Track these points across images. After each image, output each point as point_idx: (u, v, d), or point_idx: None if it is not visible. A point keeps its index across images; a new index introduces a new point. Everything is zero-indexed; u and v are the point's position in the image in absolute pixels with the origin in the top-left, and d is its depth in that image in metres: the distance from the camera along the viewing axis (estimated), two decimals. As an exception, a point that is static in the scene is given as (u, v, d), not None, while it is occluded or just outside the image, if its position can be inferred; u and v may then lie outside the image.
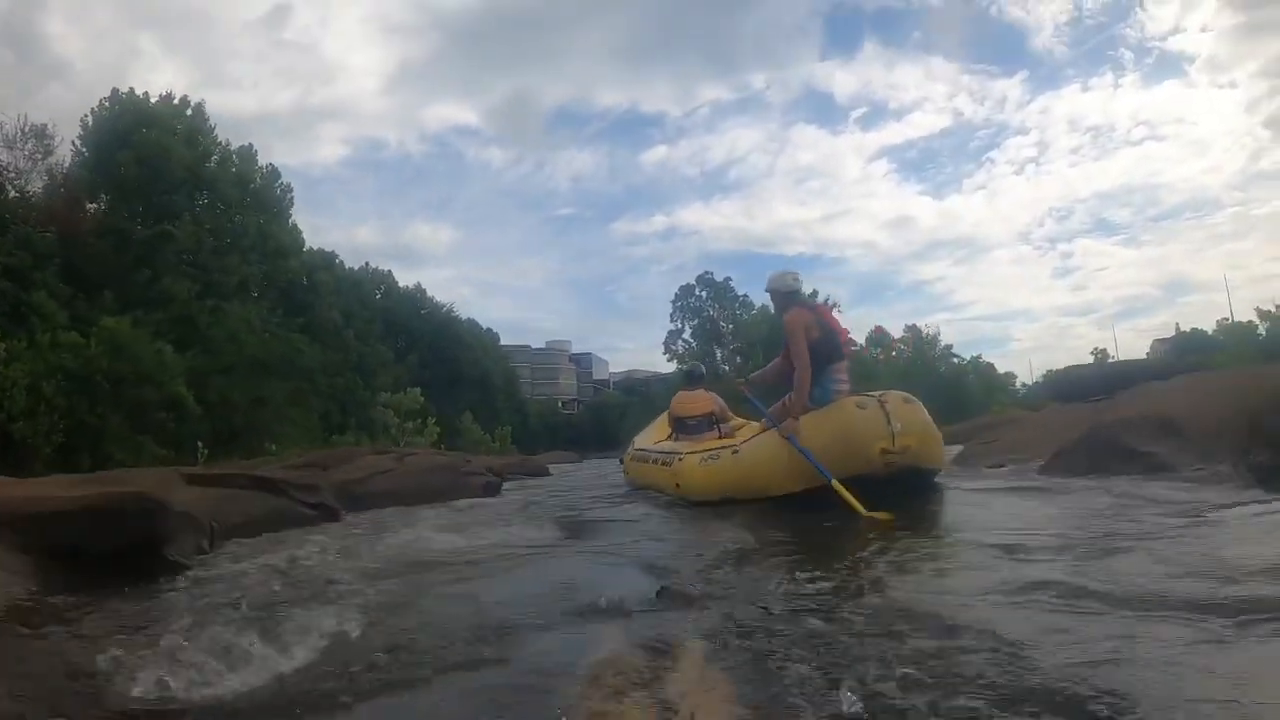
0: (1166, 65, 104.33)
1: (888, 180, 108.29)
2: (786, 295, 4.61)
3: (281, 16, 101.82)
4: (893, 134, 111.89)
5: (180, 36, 63.18)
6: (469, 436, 30.89)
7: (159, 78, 79.80)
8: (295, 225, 31.39)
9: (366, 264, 44.36)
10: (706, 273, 46.86)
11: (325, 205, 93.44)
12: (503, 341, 55.58)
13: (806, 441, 3.99)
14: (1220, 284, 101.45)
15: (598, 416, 53.96)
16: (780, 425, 4.22)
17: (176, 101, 27.30)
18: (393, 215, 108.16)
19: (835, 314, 5.08)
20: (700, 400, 6.40)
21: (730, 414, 6.42)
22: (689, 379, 6.91)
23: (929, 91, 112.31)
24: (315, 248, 36.97)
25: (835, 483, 3.72)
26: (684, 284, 47.32)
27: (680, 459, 5.16)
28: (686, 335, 45.67)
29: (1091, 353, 60.92)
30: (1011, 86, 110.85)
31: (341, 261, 39.81)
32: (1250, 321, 51.69)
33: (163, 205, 22.94)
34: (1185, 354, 54.12)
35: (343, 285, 37.11)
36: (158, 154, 23.03)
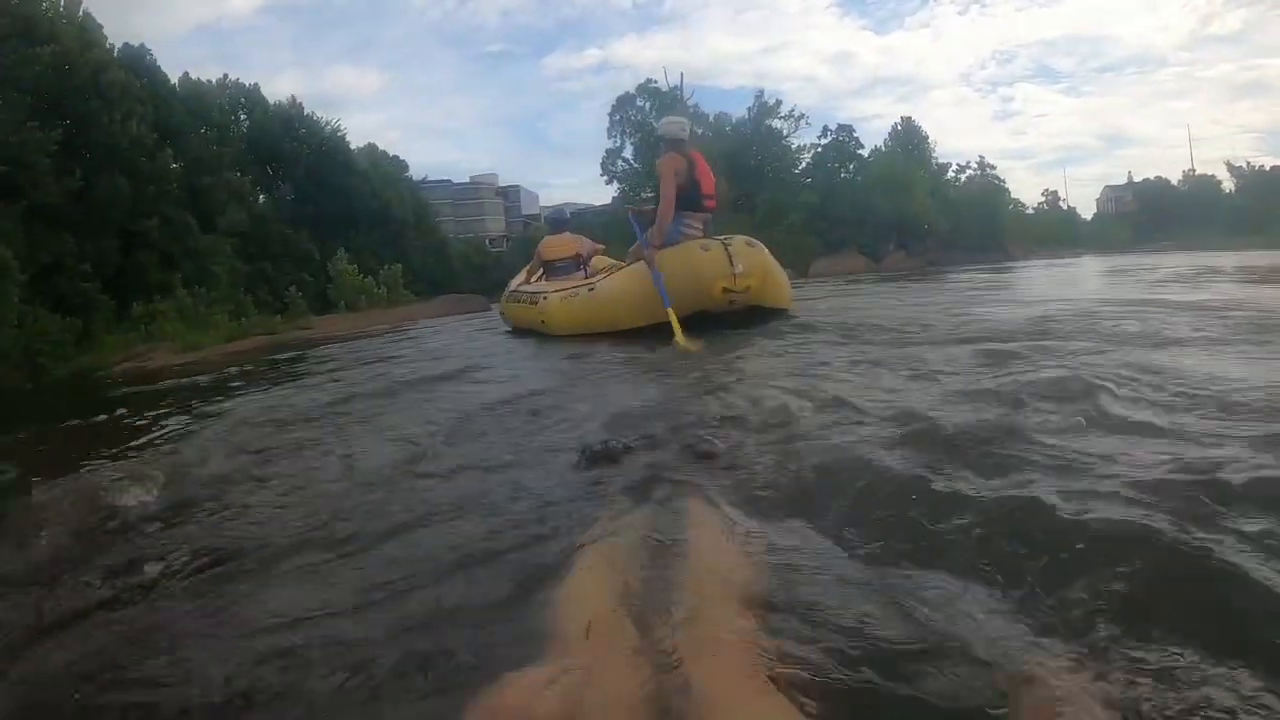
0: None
1: (829, 14, 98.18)
2: (671, 142, 5.03)
3: None
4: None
5: None
6: (343, 283, 24.38)
7: None
8: (87, 14, 22.31)
9: (225, 76, 34.53)
10: (650, 80, 37.00)
11: (240, 59, 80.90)
12: (425, 177, 47.10)
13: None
14: (1158, 140, 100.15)
15: (527, 253, 47.35)
16: (645, 254, 4.71)
17: None
18: (314, 63, 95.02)
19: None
20: (566, 243, 6.77)
21: (599, 252, 6.71)
22: (554, 224, 7.48)
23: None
24: (130, 44, 28.05)
25: (670, 310, 4.23)
26: (623, 94, 37.64)
27: (545, 298, 5.55)
28: (627, 154, 36.72)
29: (1042, 195, 55.84)
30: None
31: (186, 72, 30.57)
32: (1214, 176, 46.18)
33: None
34: (1148, 203, 49.23)
35: (171, 96, 28.61)
36: None
